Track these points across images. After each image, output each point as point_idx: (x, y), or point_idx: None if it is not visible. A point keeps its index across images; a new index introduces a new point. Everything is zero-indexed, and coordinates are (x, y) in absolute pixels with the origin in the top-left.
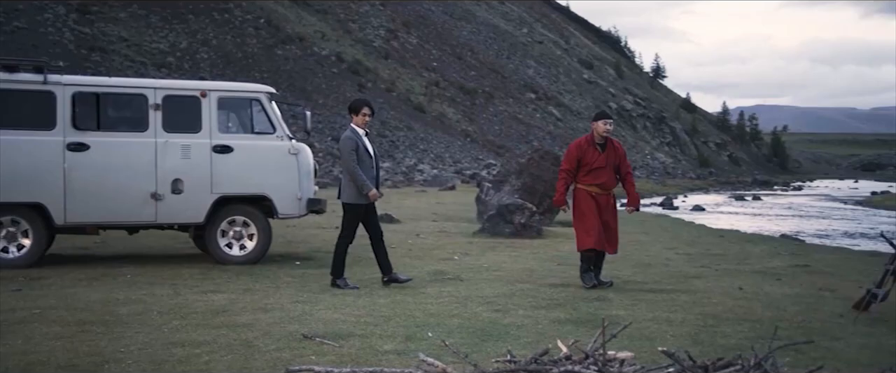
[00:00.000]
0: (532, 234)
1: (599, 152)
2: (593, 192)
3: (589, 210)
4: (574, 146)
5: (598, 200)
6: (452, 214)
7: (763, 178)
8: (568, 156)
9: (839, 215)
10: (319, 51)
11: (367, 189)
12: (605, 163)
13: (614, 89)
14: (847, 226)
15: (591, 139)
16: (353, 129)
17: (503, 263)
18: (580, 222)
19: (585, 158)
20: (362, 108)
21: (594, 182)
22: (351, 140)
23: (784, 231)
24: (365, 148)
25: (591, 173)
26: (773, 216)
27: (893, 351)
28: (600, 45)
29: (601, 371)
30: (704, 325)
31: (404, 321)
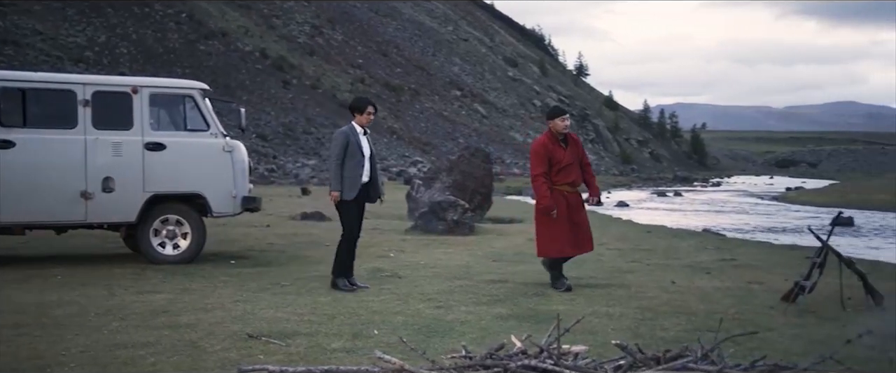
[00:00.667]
0: (465, 231)
1: (564, 149)
2: (565, 191)
3: (560, 215)
4: (540, 147)
5: (569, 201)
6: (383, 212)
7: (683, 174)
8: (538, 158)
9: (757, 211)
10: (243, 47)
11: (333, 187)
12: (572, 159)
13: (539, 87)
14: (765, 221)
15: (553, 137)
16: (352, 125)
17: (439, 260)
18: (547, 228)
19: (555, 156)
20: (367, 107)
21: (565, 180)
22: (342, 135)
23: (706, 226)
24: (358, 144)
25: (562, 172)
26: (695, 212)
27: (823, 340)
28: (524, 43)
29: (557, 365)
30: (643, 318)
31: (349, 319)
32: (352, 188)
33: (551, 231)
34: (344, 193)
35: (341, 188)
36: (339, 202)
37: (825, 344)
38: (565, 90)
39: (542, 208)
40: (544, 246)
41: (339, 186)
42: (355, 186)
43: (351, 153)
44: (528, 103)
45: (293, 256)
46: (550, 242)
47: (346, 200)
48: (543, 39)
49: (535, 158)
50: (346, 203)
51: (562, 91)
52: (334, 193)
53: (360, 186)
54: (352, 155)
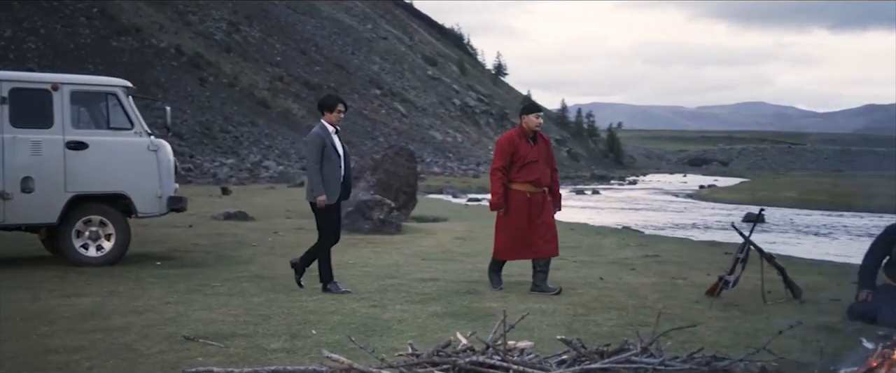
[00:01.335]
0: (391, 230)
1: (531, 145)
2: (528, 192)
3: (518, 217)
4: (505, 140)
5: (532, 202)
6: (306, 211)
7: (600, 172)
8: (500, 152)
9: (673, 208)
10: (157, 43)
11: (318, 192)
12: (538, 156)
13: (458, 86)
14: (681, 218)
15: (522, 132)
16: (323, 126)
17: (368, 260)
18: (503, 230)
19: (519, 151)
20: (336, 105)
21: (528, 178)
22: (318, 137)
23: (626, 223)
24: (333, 146)
25: (525, 168)
26: (614, 209)
27: (749, 333)
28: (444, 42)
29: (505, 360)
30: (575, 314)
31: (285, 320)
32: (333, 192)
33: (507, 235)
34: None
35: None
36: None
37: (751, 336)
38: (484, 89)
39: (491, 205)
40: (499, 247)
41: (323, 189)
42: (335, 190)
43: (328, 156)
44: (447, 102)
45: (220, 256)
46: (503, 244)
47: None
48: (462, 39)
49: (498, 152)
50: (328, 206)
51: (481, 90)
52: (322, 198)
53: (339, 188)
54: (328, 158)
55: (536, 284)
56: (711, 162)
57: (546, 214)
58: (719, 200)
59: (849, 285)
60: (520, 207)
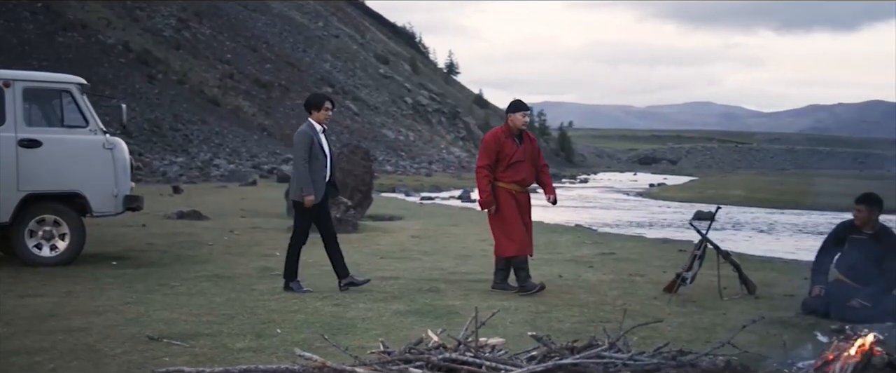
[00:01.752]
0: (348, 229)
1: (517, 144)
2: (514, 190)
3: (511, 213)
4: (490, 138)
5: (519, 200)
6: (261, 210)
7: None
8: (485, 150)
9: (624, 206)
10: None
11: (306, 191)
12: (524, 156)
13: (410, 84)
14: (633, 216)
15: (507, 131)
16: (311, 124)
17: (326, 259)
18: (502, 226)
19: (504, 150)
20: (324, 103)
21: (514, 178)
22: (306, 136)
23: (579, 221)
24: (320, 145)
25: (511, 168)
26: (566, 208)
27: (708, 328)
28: (395, 40)
29: (477, 357)
30: (538, 311)
31: (248, 319)
32: (318, 190)
33: (507, 230)
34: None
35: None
36: (299, 204)
37: (710, 331)
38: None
39: (480, 204)
40: (504, 245)
41: (311, 188)
42: (320, 190)
43: (315, 154)
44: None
45: (177, 256)
46: (508, 240)
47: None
48: (414, 37)
49: (483, 150)
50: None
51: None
52: (310, 197)
53: (324, 187)
54: (315, 156)
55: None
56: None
57: (528, 215)
58: (669, 198)
59: (800, 281)
60: (508, 202)
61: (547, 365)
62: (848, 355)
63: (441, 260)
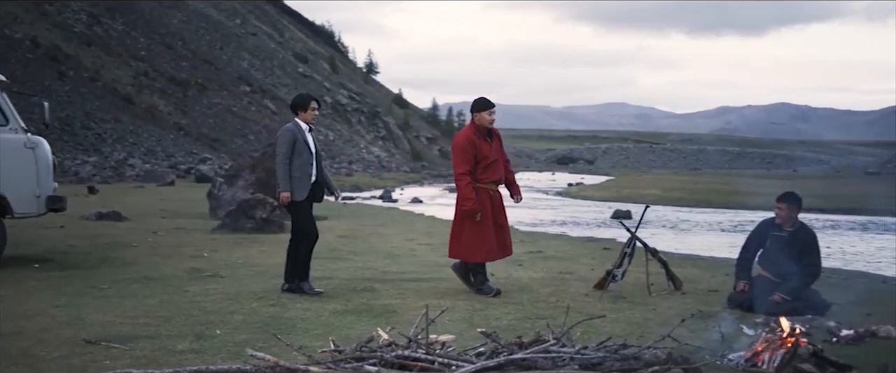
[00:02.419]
0: (275, 229)
1: (490, 144)
2: (490, 190)
3: (485, 215)
4: (465, 141)
5: (494, 200)
6: (182, 211)
7: None
8: (464, 155)
9: (545, 205)
10: (11, 34)
11: (282, 188)
12: (498, 155)
13: (329, 84)
14: (555, 214)
15: (477, 131)
16: (296, 122)
17: (257, 259)
18: (472, 230)
19: (481, 152)
20: (310, 103)
21: (491, 178)
22: (289, 132)
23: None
24: (305, 142)
25: (489, 169)
26: None
27: (640, 323)
28: (314, 39)
29: (429, 354)
30: (474, 309)
31: (186, 320)
32: (302, 188)
33: (477, 234)
34: (295, 194)
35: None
36: (290, 203)
37: (642, 326)
38: (356, 88)
39: (466, 211)
40: (470, 250)
41: (288, 186)
42: (306, 186)
43: (298, 152)
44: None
45: (102, 258)
46: (478, 245)
47: (297, 201)
48: (333, 36)
49: (461, 155)
50: (298, 203)
51: (352, 88)
52: (285, 194)
53: (310, 185)
54: (299, 153)
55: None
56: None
57: (503, 214)
58: (588, 197)
59: (722, 277)
60: (485, 205)
61: (499, 360)
62: (776, 347)
63: (372, 260)
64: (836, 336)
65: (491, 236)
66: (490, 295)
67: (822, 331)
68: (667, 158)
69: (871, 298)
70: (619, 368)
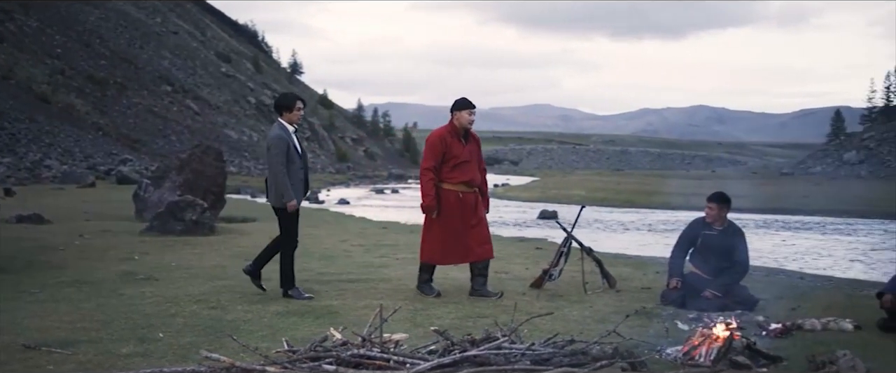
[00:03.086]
0: (205, 231)
1: (464, 145)
2: (460, 192)
3: (451, 218)
4: (436, 139)
5: (465, 202)
6: (106, 213)
7: (398, 172)
8: (431, 151)
9: None
10: None
11: (288, 198)
12: (471, 156)
13: (253, 84)
14: None
15: (453, 130)
16: (283, 126)
17: (190, 261)
18: (430, 230)
19: (451, 150)
20: (295, 103)
21: (461, 179)
22: (282, 140)
23: None
24: (295, 148)
25: (458, 168)
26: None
27: (578, 320)
28: (238, 38)
29: (384, 352)
30: (415, 309)
31: (126, 324)
32: (298, 195)
33: (435, 235)
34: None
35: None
36: (281, 209)
37: (581, 323)
38: (280, 88)
39: (422, 208)
40: (426, 250)
41: (292, 194)
42: (300, 193)
43: (291, 158)
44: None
45: (28, 261)
46: (431, 246)
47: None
48: (257, 36)
49: (429, 151)
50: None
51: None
52: (292, 204)
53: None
54: (291, 160)
55: (475, 288)
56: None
57: (479, 215)
58: (514, 197)
59: (653, 275)
60: (452, 207)
61: (454, 357)
62: (711, 341)
63: (307, 261)
64: (766, 330)
65: (449, 240)
66: (430, 296)
67: (752, 325)
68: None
69: (793, 293)
70: (569, 363)
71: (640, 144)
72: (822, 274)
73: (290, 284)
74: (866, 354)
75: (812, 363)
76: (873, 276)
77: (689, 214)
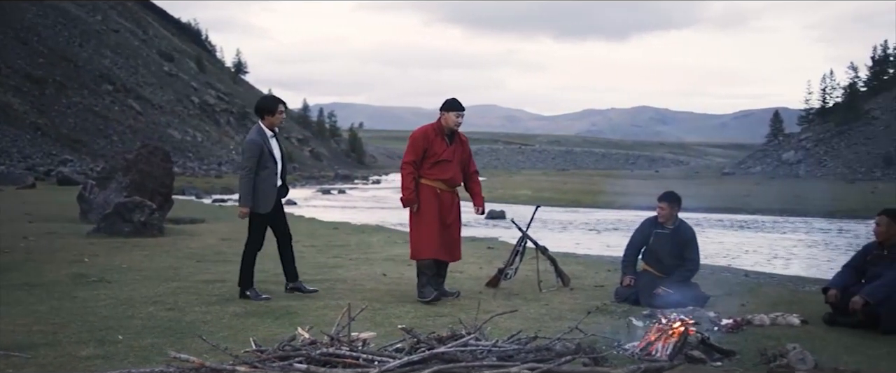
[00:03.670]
0: (154, 232)
1: (447, 144)
2: (438, 188)
3: (430, 212)
4: (419, 135)
5: (442, 199)
6: (50, 215)
7: (344, 172)
8: (413, 146)
9: None
10: None
11: (243, 202)
12: (453, 156)
13: (196, 83)
14: None
15: (439, 129)
16: (261, 130)
17: (142, 263)
18: (418, 227)
19: (432, 147)
20: (277, 107)
21: (440, 176)
22: (256, 145)
23: (380, 222)
24: (271, 152)
25: (438, 166)
26: (365, 208)
27: (536, 318)
28: (180, 37)
29: (352, 350)
30: (374, 309)
31: (83, 326)
32: (266, 202)
33: (423, 231)
34: (258, 207)
35: (253, 202)
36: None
37: (538, 320)
38: (224, 87)
39: (402, 201)
40: (417, 247)
41: (249, 200)
42: (270, 199)
43: (263, 163)
44: (185, 100)
45: None
46: (420, 242)
47: (260, 213)
48: (201, 35)
49: (411, 145)
50: (260, 215)
51: (221, 88)
52: (243, 210)
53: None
54: (264, 165)
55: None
56: None
57: (456, 215)
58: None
59: (605, 273)
60: (430, 202)
61: (424, 355)
62: (668, 336)
63: (260, 262)
64: (718, 325)
65: (435, 235)
66: (426, 300)
67: (704, 321)
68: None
69: (741, 290)
70: (534, 358)
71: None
72: (765, 271)
73: (248, 284)
74: (814, 347)
75: (763, 357)
76: (813, 272)
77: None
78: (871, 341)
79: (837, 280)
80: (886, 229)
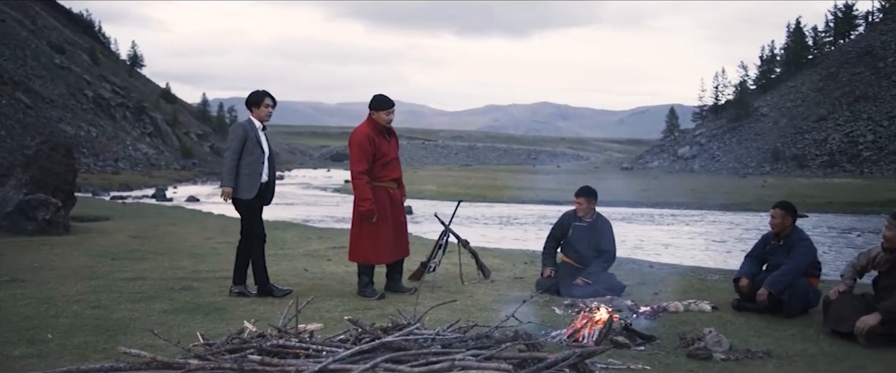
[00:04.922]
0: (60, 230)
1: (388, 141)
2: (390, 188)
3: (383, 216)
4: (364, 140)
5: (393, 198)
6: None
7: None
8: (362, 153)
9: (326, 202)
10: None
11: (224, 182)
12: (396, 153)
13: (90, 76)
14: (338, 211)
15: (377, 128)
16: (250, 120)
17: (53, 262)
18: (369, 231)
19: (379, 150)
20: (263, 99)
21: (392, 176)
22: (241, 128)
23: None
24: (257, 140)
25: (387, 166)
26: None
27: (462, 309)
28: (72, 28)
29: (302, 342)
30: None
31: (8, 327)
32: (251, 187)
33: (374, 235)
34: (242, 192)
35: (236, 185)
36: (238, 202)
37: (465, 312)
38: (119, 81)
39: (363, 212)
40: (365, 251)
41: (232, 181)
42: (255, 185)
43: (249, 149)
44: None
45: None
46: (373, 246)
47: (245, 200)
48: (93, 26)
49: (359, 153)
50: (245, 202)
51: (116, 82)
52: (227, 189)
53: (260, 185)
54: (250, 151)
55: (392, 284)
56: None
57: (402, 212)
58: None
59: (522, 265)
60: (384, 204)
61: (373, 344)
62: (593, 323)
63: (178, 260)
64: (636, 312)
65: (388, 238)
66: (373, 299)
67: (623, 309)
68: (439, 154)
69: (651, 279)
70: (475, 345)
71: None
72: (668, 262)
73: (241, 280)
74: (726, 331)
75: (682, 340)
76: (712, 263)
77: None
78: (778, 324)
79: (745, 269)
80: (781, 221)
